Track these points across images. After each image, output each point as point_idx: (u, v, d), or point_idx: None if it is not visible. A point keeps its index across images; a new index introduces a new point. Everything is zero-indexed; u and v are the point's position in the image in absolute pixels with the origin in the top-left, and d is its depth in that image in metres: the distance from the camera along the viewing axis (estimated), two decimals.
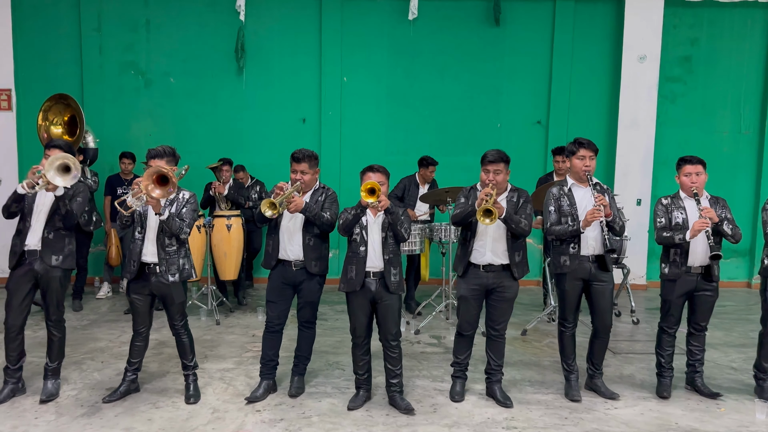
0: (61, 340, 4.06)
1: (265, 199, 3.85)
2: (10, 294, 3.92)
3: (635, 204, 7.86)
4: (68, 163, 3.71)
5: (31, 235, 3.91)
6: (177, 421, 3.73)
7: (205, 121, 7.99)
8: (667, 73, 8.03)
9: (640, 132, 7.88)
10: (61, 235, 3.95)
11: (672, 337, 4.24)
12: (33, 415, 3.78)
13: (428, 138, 8.00)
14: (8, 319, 3.93)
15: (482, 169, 3.99)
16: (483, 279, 3.99)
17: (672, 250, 4.15)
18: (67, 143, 4.06)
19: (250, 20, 7.74)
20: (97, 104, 7.78)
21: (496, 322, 4.07)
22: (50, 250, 3.91)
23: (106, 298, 7.00)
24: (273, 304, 4.11)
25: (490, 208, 3.71)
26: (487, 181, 3.93)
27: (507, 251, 3.97)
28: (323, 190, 4.14)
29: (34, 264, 3.90)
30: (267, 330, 4.15)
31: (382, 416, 3.83)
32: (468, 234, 4.04)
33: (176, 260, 3.91)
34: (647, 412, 3.96)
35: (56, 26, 7.83)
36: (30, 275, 3.91)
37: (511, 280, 4.02)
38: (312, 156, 4.06)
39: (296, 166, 4.02)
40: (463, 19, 8.00)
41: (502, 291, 4.00)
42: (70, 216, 3.89)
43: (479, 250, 3.99)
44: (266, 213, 3.78)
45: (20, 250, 3.90)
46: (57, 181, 3.68)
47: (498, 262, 3.97)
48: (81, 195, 4.01)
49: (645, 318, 6.46)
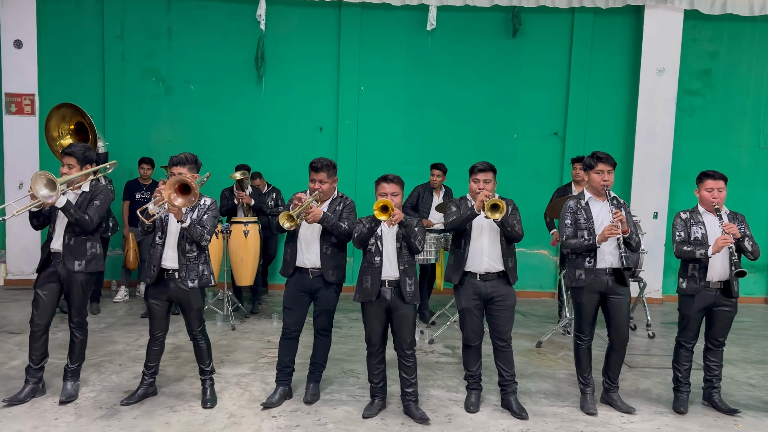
0: (82, 342, 4.12)
1: (282, 209, 3.88)
2: (38, 295, 3.98)
3: (652, 217, 7.81)
4: (50, 178, 3.76)
5: (56, 239, 3.99)
6: (194, 425, 3.76)
7: (223, 129, 8.07)
8: (685, 86, 8.01)
9: (657, 145, 7.85)
10: (81, 240, 4.01)
11: (689, 352, 4.22)
12: (53, 415, 3.83)
13: (444, 148, 8.01)
14: (34, 318, 3.99)
15: (471, 179, 4.08)
16: (481, 288, 4.02)
17: (690, 264, 4.13)
18: (85, 147, 4.09)
19: (270, 29, 7.82)
20: (118, 110, 7.90)
21: (501, 332, 4.07)
22: (72, 256, 3.97)
23: (123, 302, 7.08)
24: (290, 311, 4.14)
25: (497, 203, 3.77)
26: (477, 190, 4.00)
27: (502, 257, 4.02)
28: (341, 200, 4.18)
29: (58, 267, 3.97)
30: (283, 337, 4.18)
31: (397, 425, 3.84)
32: (462, 241, 4.08)
33: (196, 266, 3.96)
34: (664, 427, 3.94)
35: (80, 33, 7.96)
36: (54, 277, 3.98)
37: (507, 288, 4.05)
38: (331, 165, 4.10)
39: (315, 176, 4.06)
40: (482, 30, 8.04)
41: (501, 300, 4.02)
42: (83, 222, 3.92)
43: (475, 256, 4.02)
44: (284, 225, 3.82)
45: (46, 253, 3.99)
46: (41, 193, 3.73)
47: (495, 268, 4.01)
48: (99, 197, 4.04)
49: (661, 332, 6.41)
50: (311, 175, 4.08)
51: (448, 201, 6.46)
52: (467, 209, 4.01)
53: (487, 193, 3.91)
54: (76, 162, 3.99)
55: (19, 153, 7.76)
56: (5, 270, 7.99)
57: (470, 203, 4.08)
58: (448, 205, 4.21)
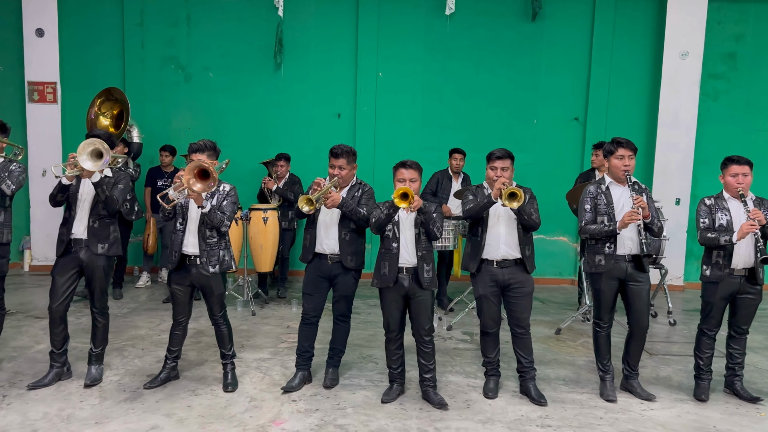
0: (105, 326, 4.19)
1: (302, 194, 3.91)
2: (55, 280, 4.04)
3: (674, 203, 7.71)
4: (100, 148, 3.79)
5: (77, 224, 4.03)
6: (216, 408, 3.82)
7: (242, 116, 8.10)
8: (709, 70, 7.85)
9: (680, 130, 7.72)
10: (105, 224, 4.06)
11: (712, 340, 4.17)
12: (78, 398, 3.91)
13: (463, 134, 7.97)
14: (52, 304, 4.05)
15: (489, 166, 4.04)
16: (498, 275, 4.00)
17: (715, 251, 4.07)
18: (107, 133, 4.14)
19: (288, 15, 7.80)
20: (138, 98, 7.94)
21: (519, 319, 4.05)
22: (96, 239, 4.03)
23: (145, 287, 7.18)
24: (309, 296, 4.17)
25: (514, 191, 3.74)
26: (494, 177, 3.96)
27: (519, 244, 3.99)
28: (360, 186, 4.19)
29: (80, 252, 4.02)
30: (303, 322, 4.21)
31: (416, 410, 3.86)
32: (479, 229, 4.06)
33: (217, 252, 4.00)
34: (684, 415, 3.91)
35: (100, 21, 8.02)
36: (75, 263, 4.03)
37: (525, 275, 4.03)
38: (350, 152, 4.11)
39: (334, 162, 4.08)
40: (501, 14, 7.94)
41: (518, 286, 4.01)
42: (111, 202, 3.97)
43: (492, 244, 4.00)
44: (303, 209, 3.84)
45: (67, 239, 4.02)
46: (87, 165, 3.76)
47: (512, 255, 3.99)
48: (122, 182, 4.10)
49: (682, 319, 6.35)
50: (331, 161, 4.09)
51: (465, 188, 6.44)
52: (484, 197, 3.99)
53: (504, 180, 3.88)
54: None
55: (42, 141, 7.88)
56: (30, 256, 8.14)
57: (487, 191, 4.06)
58: (465, 193, 4.19)
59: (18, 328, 5.37)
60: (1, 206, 4.09)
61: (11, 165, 4.15)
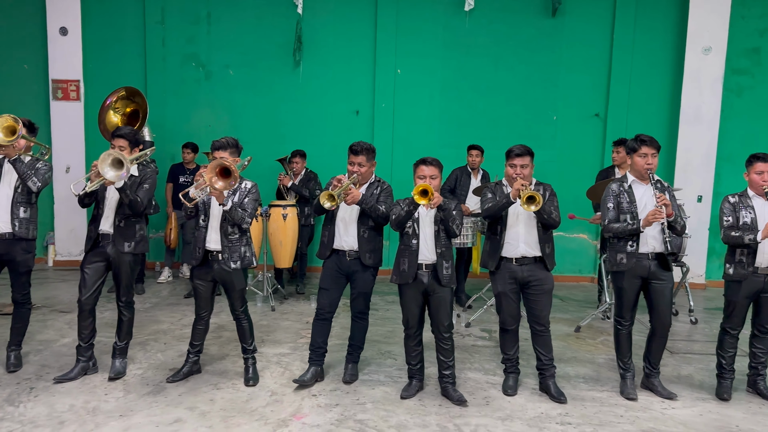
0: (130, 320, 4.26)
1: (319, 191, 3.93)
2: (84, 275, 4.12)
3: (696, 201, 7.63)
4: (119, 158, 3.86)
5: (104, 221, 4.10)
6: (237, 402, 3.86)
7: (261, 113, 8.16)
8: (733, 66, 7.75)
9: (702, 126, 7.63)
10: (131, 222, 4.13)
11: (735, 339, 4.13)
12: (103, 391, 3.98)
13: (481, 131, 7.94)
14: (81, 297, 4.14)
15: (508, 163, 4.01)
16: (517, 272, 3.99)
17: (738, 250, 4.02)
18: (133, 131, 4.20)
19: (307, 12, 7.84)
20: (159, 95, 8.04)
21: (539, 317, 4.04)
22: (122, 238, 4.10)
23: (166, 282, 7.27)
24: (325, 291, 4.18)
25: (533, 194, 3.72)
26: (514, 175, 3.95)
27: (539, 243, 3.98)
28: (378, 184, 4.20)
29: (107, 247, 4.10)
30: (317, 317, 4.21)
31: (435, 406, 3.88)
32: (498, 227, 4.05)
33: (238, 248, 4.04)
34: (706, 414, 3.88)
35: (122, 19, 8.12)
36: (103, 257, 4.11)
37: (544, 272, 4.02)
38: (370, 149, 4.13)
39: (354, 159, 4.09)
40: (520, 10, 7.90)
41: (538, 284, 3.99)
42: (135, 205, 4.04)
43: (511, 243, 4.00)
44: (325, 205, 3.86)
45: (95, 235, 4.10)
46: (110, 175, 3.83)
47: (531, 253, 3.98)
48: (148, 181, 4.17)
49: (703, 318, 6.29)
50: (350, 158, 4.11)
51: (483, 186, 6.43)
52: (503, 196, 3.97)
53: (523, 181, 3.85)
54: (127, 144, 4.09)
55: (66, 138, 8.00)
56: (54, 251, 8.28)
57: (506, 189, 4.05)
58: (484, 191, 4.18)
59: (43, 322, 5.47)
60: (27, 203, 4.16)
61: (38, 163, 4.22)
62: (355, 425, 3.58)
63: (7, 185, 4.12)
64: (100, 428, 3.47)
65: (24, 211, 4.16)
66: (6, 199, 4.12)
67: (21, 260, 4.20)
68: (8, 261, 4.19)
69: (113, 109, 6.94)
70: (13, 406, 3.72)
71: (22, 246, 4.18)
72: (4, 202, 4.12)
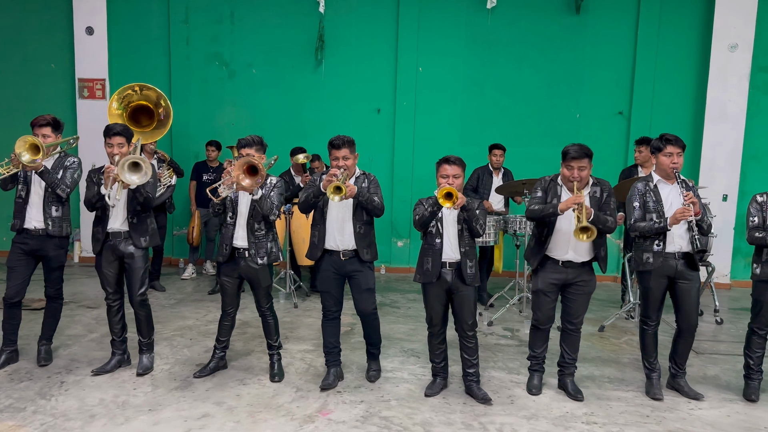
0: (147, 317, 4.29)
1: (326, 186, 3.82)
2: (103, 275, 4.20)
3: (721, 200, 7.53)
4: (136, 160, 3.91)
5: (113, 220, 4.13)
6: (263, 397, 3.91)
7: (283, 111, 8.22)
8: (760, 63, 7.63)
9: (728, 124, 7.54)
10: (143, 218, 4.20)
11: (763, 339, 4.08)
12: (132, 385, 4.06)
13: (504, 128, 7.92)
14: (109, 296, 4.23)
15: (564, 165, 3.88)
16: (562, 274, 3.93)
17: (765, 249, 3.97)
18: (124, 127, 4.19)
19: (329, 11, 7.88)
20: (183, 94, 8.14)
21: (574, 317, 4.01)
22: (138, 234, 4.16)
23: (190, 279, 7.37)
24: (327, 294, 4.12)
25: (588, 227, 3.60)
26: (571, 178, 3.83)
27: (590, 249, 3.91)
28: (365, 176, 4.09)
29: (119, 245, 4.14)
30: (326, 318, 4.17)
31: (459, 404, 3.89)
32: (545, 231, 3.96)
33: (264, 244, 4.08)
34: (734, 415, 3.84)
35: (147, 19, 8.23)
36: (114, 255, 4.16)
37: (590, 274, 3.96)
38: (351, 141, 4.00)
39: (337, 153, 3.94)
40: (543, 7, 7.86)
41: (582, 285, 3.94)
42: (148, 201, 4.11)
43: (561, 247, 3.92)
44: (335, 199, 3.73)
45: (102, 236, 4.14)
46: (134, 179, 3.90)
47: (579, 260, 3.91)
48: (152, 176, 4.18)
49: (729, 318, 6.22)
50: (332, 153, 3.96)
51: (508, 183, 6.41)
52: (551, 206, 3.85)
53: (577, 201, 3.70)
54: (125, 141, 4.12)
55: (92, 136, 8.03)
56: (80, 248, 8.42)
57: (559, 189, 3.93)
58: (535, 187, 4.04)
59: (71, 317, 5.57)
60: (59, 201, 4.24)
61: (66, 160, 4.28)
62: (380, 422, 3.61)
63: (38, 185, 4.20)
64: (130, 422, 3.53)
65: (56, 210, 4.24)
66: (38, 198, 4.21)
67: (54, 255, 4.29)
68: (42, 256, 4.28)
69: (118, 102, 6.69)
70: (45, 400, 3.80)
71: (54, 242, 4.27)
72: (36, 201, 4.21)
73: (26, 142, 3.97)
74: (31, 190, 4.21)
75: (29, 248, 4.24)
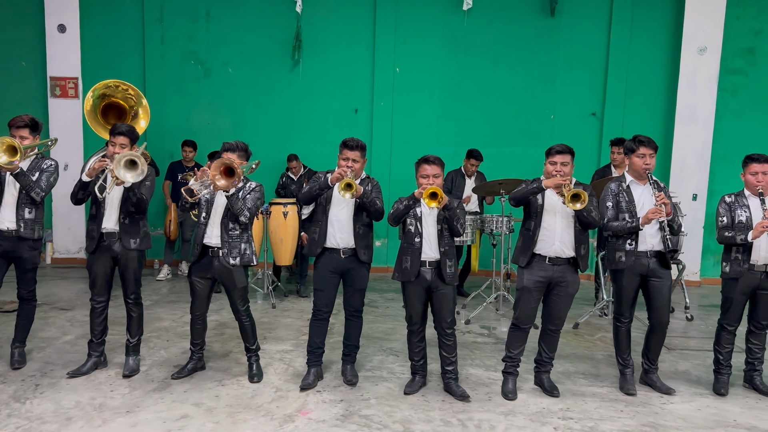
0: (139, 316, 4.29)
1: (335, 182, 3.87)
2: (93, 274, 4.16)
3: (691, 199, 7.72)
4: (134, 158, 3.88)
5: (107, 219, 4.10)
6: (243, 398, 3.90)
7: (261, 111, 8.19)
8: (728, 65, 7.84)
9: (698, 126, 7.73)
10: (135, 219, 4.16)
11: (732, 335, 4.20)
12: (108, 388, 4.01)
13: (480, 129, 8.02)
14: (94, 296, 4.19)
15: (548, 161, 3.94)
16: (549, 272, 3.94)
17: (734, 248, 4.09)
18: (130, 128, 4.18)
19: (307, 11, 7.87)
20: (158, 93, 8.05)
21: (556, 317, 4.05)
22: (128, 235, 4.12)
23: (166, 280, 7.30)
24: (321, 292, 4.14)
25: (578, 192, 3.68)
26: (553, 172, 3.88)
27: (574, 242, 3.94)
28: (368, 180, 4.16)
29: (113, 245, 4.12)
30: (315, 317, 4.18)
31: (438, 401, 3.93)
32: (533, 223, 3.99)
33: (238, 244, 4.04)
34: (704, 408, 3.95)
35: (121, 17, 8.13)
36: (108, 255, 4.13)
37: (574, 275, 3.99)
38: (364, 146, 4.08)
39: (349, 154, 4.01)
40: (519, 10, 7.97)
41: (565, 285, 3.96)
42: (141, 202, 4.08)
43: (546, 240, 3.93)
44: (345, 196, 3.79)
45: (97, 234, 4.11)
46: (127, 177, 3.87)
47: (565, 254, 3.93)
48: (149, 179, 4.17)
49: (699, 315, 6.37)
50: (344, 152, 4.02)
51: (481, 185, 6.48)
52: (534, 181, 3.91)
53: (566, 177, 3.80)
54: (128, 142, 4.11)
55: (64, 135, 7.94)
56: (52, 249, 8.28)
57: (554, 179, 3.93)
58: (522, 183, 4.10)
59: (45, 320, 5.48)
60: (32, 203, 4.17)
61: (44, 163, 4.21)
62: (360, 420, 3.63)
63: (12, 185, 4.12)
64: (107, 424, 3.50)
65: (29, 212, 4.16)
66: (12, 198, 4.12)
67: (27, 257, 4.21)
68: (15, 258, 4.21)
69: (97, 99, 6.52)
70: (19, 403, 3.74)
71: (28, 244, 4.19)
72: (10, 201, 4.12)
73: (3, 143, 3.90)
74: (5, 190, 4.13)
75: (2, 249, 4.16)
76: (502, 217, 6.09)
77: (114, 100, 6.37)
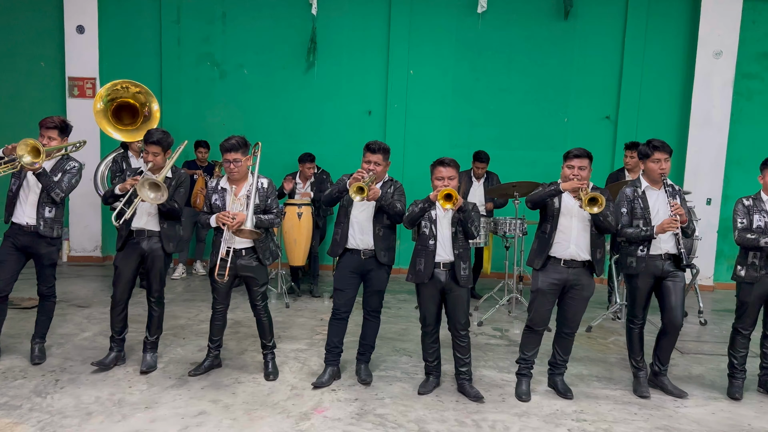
0: (160, 315, 4.37)
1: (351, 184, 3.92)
2: (118, 271, 4.24)
3: (705, 203, 7.69)
4: (157, 182, 3.99)
5: (138, 218, 4.18)
6: (259, 395, 3.95)
7: (275, 112, 8.25)
8: (743, 70, 7.81)
9: (712, 130, 7.70)
10: (172, 224, 4.28)
11: (746, 339, 4.20)
12: (127, 384, 4.07)
13: (493, 132, 8.03)
14: (116, 293, 4.27)
15: (565, 164, 3.93)
16: (564, 274, 3.93)
17: (751, 252, 4.09)
18: (162, 135, 4.21)
19: (322, 13, 7.92)
20: (174, 94, 8.15)
21: (571, 320, 4.05)
22: (168, 240, 4.24)
23: (180, 279, 7.37)
24: (341, 292, 4.18)
25: (595, 196, 3.68)
26: (571, 175, 3.87)
27: (590, 246, 3.94)
28: (392, 183, 4.21)
29: (142, 243, 4.20)
30: (334, 317, 4.23)
31: (452, 402, 3.96)
32: (549, 226, 3.99)
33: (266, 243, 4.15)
34: (719, 412, 3.95)
35: (138, 18, 8.22)
36: (137, 252, 4.21)
37: (589, 278, 3.98)
38: (387, 150, 4.13)
39: (371, 156, 4.07)
40: (533, 13, 7.98)
41: (580, 289, 3.96)
42: (173, 211, 4.18)
43: (562, 243, 3.93)
44: (356, 198, 3.83)
45: (126, 232, 4.20)
46: (149, 196, 3.99)
47: (581, 257, 3.92)
48: (183, 185, 4.28)
49: (712, 319, 6.36)
50: (367, 155, 4.08)
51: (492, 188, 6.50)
52: (552, 184, 3.93)
53: (583, 182, 3.80)
54: (161, 150, 4.17)
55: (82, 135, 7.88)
56: (69, 247, 8.38)
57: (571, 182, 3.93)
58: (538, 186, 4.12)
59: (63, 317, 5.56)
60: (53, 202, 4.24)
61: (68, 164, 4.28)
62: (375, 419, 3.67)
63: (35, 183, 4.20)
64: (127, 419, 3.56)
65: (49, 211, 4.24)
66: (34, 195, 4.21)
67: (44, 253, 4.29)
68: (33, 254, 4.29)
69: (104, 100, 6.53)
70: (40, 398, 3.81)
71: (46, 240, 4.27)
72: (32, 199, 4.21)
73: (27, 144, 3.99)
74: (29, 186, 4.21)
75: (21, 244, 4.24)
76: (516, 220, 6.11)
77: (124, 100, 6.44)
